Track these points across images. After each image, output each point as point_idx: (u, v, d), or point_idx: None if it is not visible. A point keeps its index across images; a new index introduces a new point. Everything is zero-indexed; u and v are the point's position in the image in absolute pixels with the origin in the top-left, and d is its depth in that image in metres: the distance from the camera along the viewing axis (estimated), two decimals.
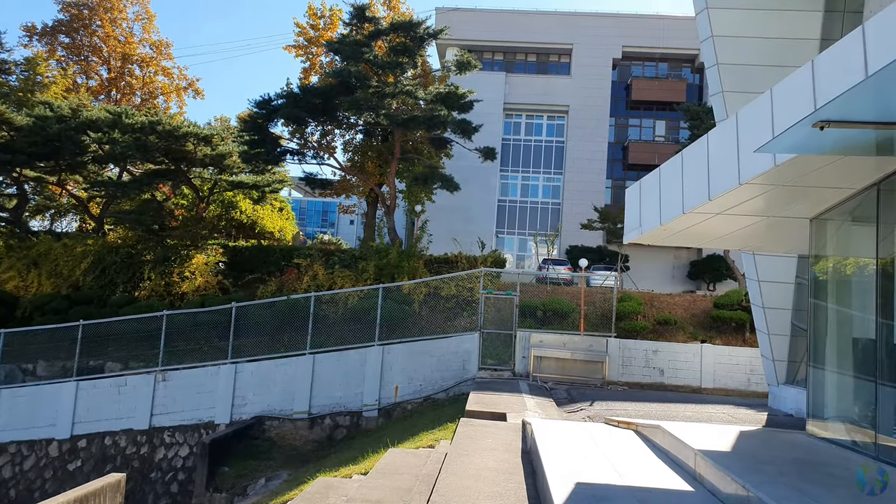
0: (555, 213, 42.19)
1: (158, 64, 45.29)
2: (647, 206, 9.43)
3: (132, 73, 44.74)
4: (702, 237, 9.71)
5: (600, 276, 30.73)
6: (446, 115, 27.18)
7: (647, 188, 9.56)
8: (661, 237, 9.68)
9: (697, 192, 7.96)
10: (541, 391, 16.57)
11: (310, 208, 67.15)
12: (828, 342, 7.81)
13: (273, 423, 18.69)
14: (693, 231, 9.17)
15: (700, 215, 8.38)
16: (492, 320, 21.47)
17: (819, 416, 7.75)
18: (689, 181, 8.27)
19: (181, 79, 46.26)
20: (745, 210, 8.09)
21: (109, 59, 43.69)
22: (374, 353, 18.93)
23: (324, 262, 27.73)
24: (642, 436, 8.81)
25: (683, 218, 8.50)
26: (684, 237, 9.61)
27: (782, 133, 5.61)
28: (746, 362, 18.20)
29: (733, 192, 7.34)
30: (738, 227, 8.92)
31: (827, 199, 7.51)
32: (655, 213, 9.07)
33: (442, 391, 18.74)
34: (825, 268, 8.04)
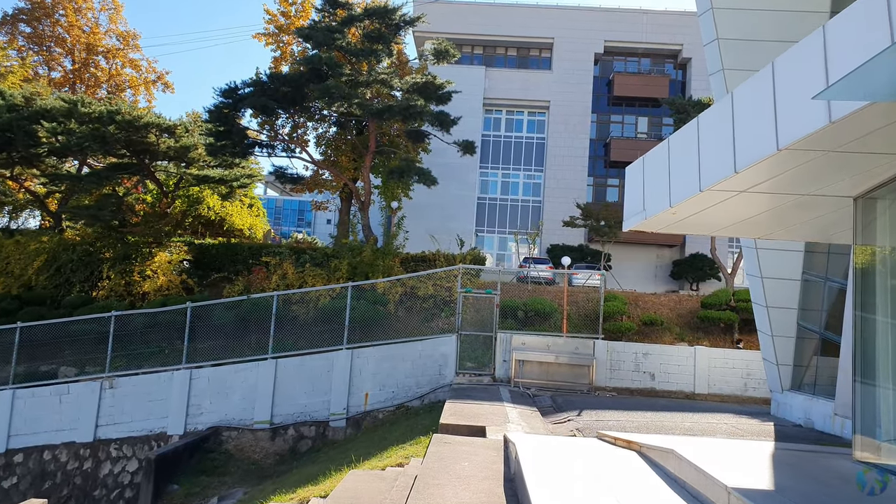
0: (535, 211, 40.74)
1: (125, 56, 43.12)
2: (653, 187, 7.89)
3: (97, 64, 42.54)
4: (715, 223, 8.21)
5: (583, 275, 29.36)
6: (423, 106, 25.58)
7: (653, 165, 8.02)
8: (668, 223, 8.16)
9: (719, 164, 6.44)
10: (523, 399, 15.01)
11: (286, 207, 65.10)
12: (878, 351, 6.31)
13: (231, 435, 16.93)
14: (707, 215, 7.65)
15: (719, 194, 6.86)
16: (471, 321, 19.96)
17: (870, 439, 6.24)
18: (707, 152, 6.74)
19: (150, 71, 44.11)
20: (774, 187, 6.58)
21: (73, 49, 41.48)
22: (343, 358, 17.26)
23: (294, 260, 26.02)
24: (649, 460, 7.26)
25: (699, 198, 6.97)
26: (694, 223, 8.09)
27: (864, 65, 4.08)
28: (743, 366, 16.81)
29: (767, 162, 5.82)
30: (760, 210, 7.41)
31: (882, 171, 5.99)
32: (663, 194, 7.53)
33: (416, 398, 17.11)
34: (874, 259, 6.53)
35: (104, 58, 42.41)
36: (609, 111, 41.88)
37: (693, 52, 40.25)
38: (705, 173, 6.69)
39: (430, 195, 38.59)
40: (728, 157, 6.26)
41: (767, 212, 7.38)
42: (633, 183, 8.64)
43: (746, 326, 23.48)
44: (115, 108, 26.18)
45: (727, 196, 6.90)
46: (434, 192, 38.87)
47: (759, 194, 6.79)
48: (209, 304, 19.26)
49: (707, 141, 6.78)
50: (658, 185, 7.68)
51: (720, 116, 6.58)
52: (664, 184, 7.52)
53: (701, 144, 6.88)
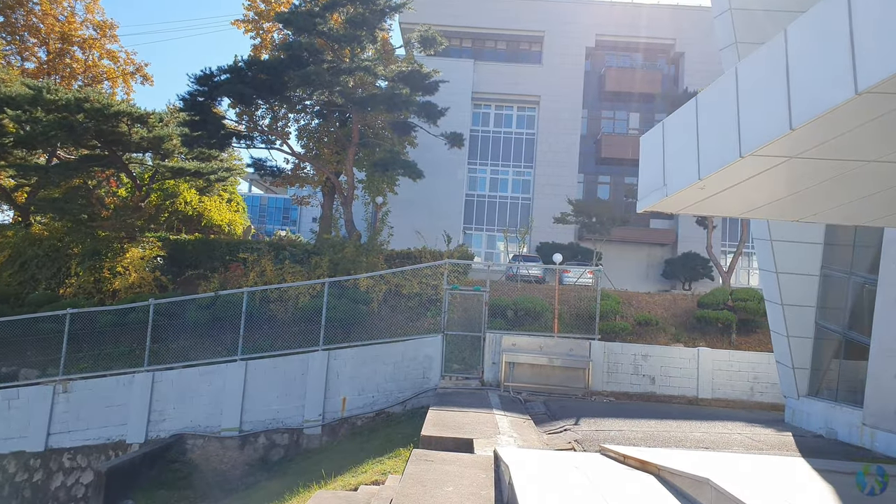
0: (525, 208, 39.36)
1: (102, 47, 41.28)
2: (677, 157, 6.51)
3: (73, 55, 40.71)
4: (747, 201, 6.85)
5: (574, 273, 28.04)
6: (409, 95, 24.12)
7: (677, 130, 6.64)
8: (693, 201, 6.78)
9: (767, 121, 5.07)
10: (514, 405, 13.61)
11: (270, 205, 63.35)
12: None
13: (196, 443, 15.41)
14: (741, 190, 6.29)
15: (763, 161, 5.49)
16: (458, 321, 18.58)
17: None
18: (750, 108, 5.37)
19: (128, 63, 42.26)
20: (835, 150, 5.21)
21: (48, 40, 39.66)
22: (318, 360, 15.79)
23: (273, 257, 24.53)
24: (674, 489, 5.86)
25: (737, 167, 5.60)
26: (723, 201, 6.73)
27: None
28: (749, 369, 15.50)
29: (840, 111, 4.42)
30: (809, 184, 6.05)
31: None
32: (690, 165, 6.15)
33: (398, 404, 15.67)
34: None
35: (80, 48, 40.56)
36: (600, 107, 40.55)
37: (686, 47, 39.09)
38: (748, 134, 5.31)
39: (417, 191, 37.15)
40: (780, 111, 4.88)
41: (815, 186, 6.01)
42: (650, 154, 7.25)
43: (744, 327, 22.36)
44: (84, 96, 24.53)
45: (773, 163, 5.52)
46: (421, 189, 37.42)
47: (813, 160, 5.41)
48: (174, 302, 17.72)
49: (750, 94, 5.41)
50: (683, 155, 6.30)
51: (768, 62, 5.20)
52: (691, 152, 6.13)
53: (741, 100, 5.50)
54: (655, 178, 6.85)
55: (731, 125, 5.56)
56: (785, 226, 11.73)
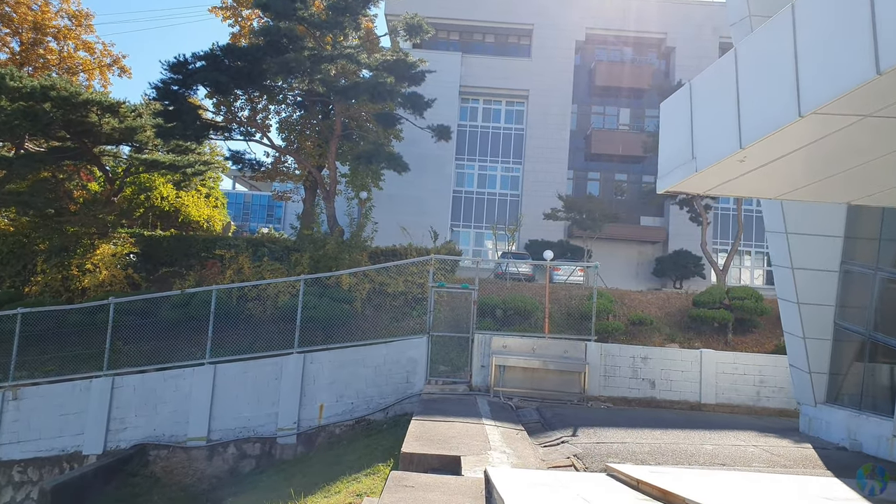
0: (514, 205, 38.14)
1: (78, 37, 39.59)
2: (710, 125, 5.32)
3: (48, 46, 39.03)
4: (791, 179, 5.70)
5: (565, 271, 26.90)
6: (394, 85, 22.83)
7: (709, 93, 5.44)
8: (728, 177, 5.60)
9: (841, 68, 3.84)
10: (505, 412, 12.39)
11: (254, 202, 61.74)
12: None
13: (160, 453, 14.06)
14: (788, 163, 5.10)
15: (829, 122, 4.27)
16: (444, 321, 17.40)
17: None
18: (814, 54, 4.14)
19: (105, 55, 40.60)
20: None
21: (20, 29, 37.96)
22: (293, 364, 14.49)
23: (251, 253, 23.19)
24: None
25: (794, 129, 4.39)
26: (763, 178, 5.56)
27: None
28: (755, 372, 14.37)
29: None
30: (879, 152, 4.84)
31: None
32: (728, 132, 4.95)
33: (380, 410, 14.40)
34: None
35: (55, 39, 38.88)
36: (590, 101, 39.40)
37: (677, 42, 38.07)
38: (813, 86, 4.10)
39: (403, 187, 35.85)
40: (860, 54, 3.67)
41: (888, 155, 4.81)
42: (673, 124, 6.03)
43: (740, 326, 21.43)
44: (50, 84, 23.05)
45: (840, 125, 4.32)
46: (407, 185, 36.14)
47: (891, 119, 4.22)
48: (144, 300, 16.37)
49: (814, 38, 4.19)
50: (718, 121, 5.10)
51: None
52: (729, 117, 4.93)
53: (801, 46, 4.29)
54: (680, 152, 5.65)
55: (785, 78, 4.36)
56: (803, 217, 10.61)
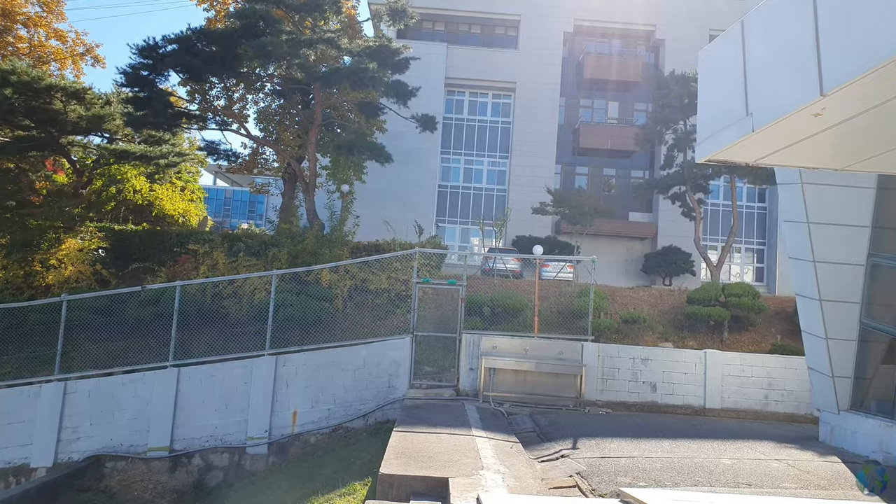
0: (500, 200, 36.92)
1: (49, 25, 37.80)
2: (774, 66, 4.11)
3: (18, 34, 37.21)
4: (886, 137, 4.41)
5: (554, 267, 25.78)
6: (376, 71, 21.49)
7: (774, 24, 4.18)
8: (794, 138, 4.39)
9: None
10: (496, 420, 11.18)
11: (235, 198, 60.05)
12: None
13: (117, 466, 12.68)
14: (879, 117, 3.84)
15: None
16: (430, 320, 16.16)
17: None
18: None
19: (78, 43, 38.81)
20: None
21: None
22: (264, 367, 13.17)
23: (227, 248, 21.81)
24: None
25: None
26: (842, 140, 4.29)
27: None
28: (763, 374, 13.25)
29: None
30: None
31: None
32: (804, 77, 3.71)
33: (359, 417, 13.12)
34: None
35: (24, 27, 37.09)
36: (578, 95, 38.21)
37: (667, 34, 37.02)
38: None
39: (387, 182, 34.52)
40: None
41: None
42: (716, 74, 4.83)
43: (736, 325, 20.47)
44: (10, 68, 21.46)
45: None
46: (391, 179, 34.81)
47: None
48: (92, 297, 14.97)
49: None
50: (787, 61, 3.88)
51: None
52: (804, 54, 3.69)
53: None
54: (729, 108, 4.44)
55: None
56: (826, 205, 9.49)
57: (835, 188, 9.30)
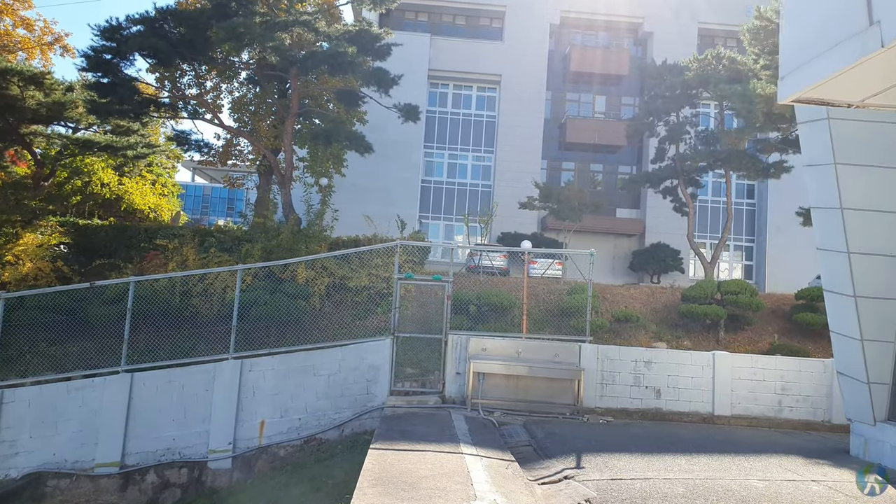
0: (485, 196, 35.56)
1: (16, 13, 35.89)
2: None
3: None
4: None
5: (541, 264, 24.48)
6: (356, 55, 20.06)
7: None
8: None
9: None
10: (487, 433, 9.81)
11: (214, 195, 58.20)
12: None
13: (60, 484, 11.15)
14: None
15: None
16: (413, 319, 14.84)
17: None
18: None
19: (46, 32, 36.93)
20: None
21: None
22: (228, 372, 11.70)
23: (198, 244, 20.34)
24: None
25: None
26: None
27: None
28: (776, 377, 12.02)
29: None
30: None
31: None
32: None
33: (333, 428, 11.71)
34: None
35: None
36: (565, 88, 36.96)
37: (655, 27, 35.89)
38: None
39: (368, 176, 33.05)
40: None
41: None
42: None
43: (732, 323, 19.41)
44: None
45: None
46: (373, 174, 33.34)
47: None
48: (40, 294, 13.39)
49: None
50: None
51: None
52: None
53: None
54: (839, 19, 3.10)
55: None
56: (863, 188, 8.25)
57: (875, 169, 8.08)
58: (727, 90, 19.34)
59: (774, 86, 18.90)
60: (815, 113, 8.09)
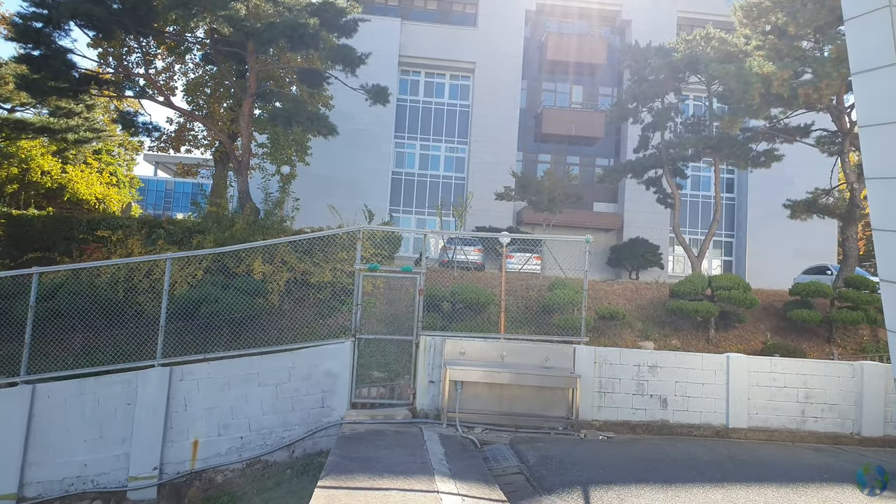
0: (458, 189, 33.58)
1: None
2: None
3: None
4: None
5: (519, 258, 22.70)
6: (318, 27, 17.96)
7: None
8: None
9: None
10: (467, 457, 7.84)
11: (177, 190, 55.32)
12: None
13: None
14: None
15: None
16: (380, 318, 12.87)
17: None
18: None
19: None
20: None
21: None
22: (154, 382, 9.53)
23: (145, 236, 18.16)
24: None
25: None
26: None
27: None
28: (798, 383, 10.27)
29: None
30: None
31: None
32: None
33: (282, 448, 9.62)
34: None
35: None
36: (541, 78, 35.13)
37: (633, 15, 34.27)
38: None
39: (336, 167, 30.89)
40: None
41: None
42: None
43: (722, 321, 17.98)
44: None
45: None
46: (340, 164, 31.19)
47: None
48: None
49: None
50: None
51: None
52: None
53: None
54: None
55: None
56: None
57: None
58: (720, 69, 17.70)
59: (772, 64, 17.36)
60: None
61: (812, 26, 17.48)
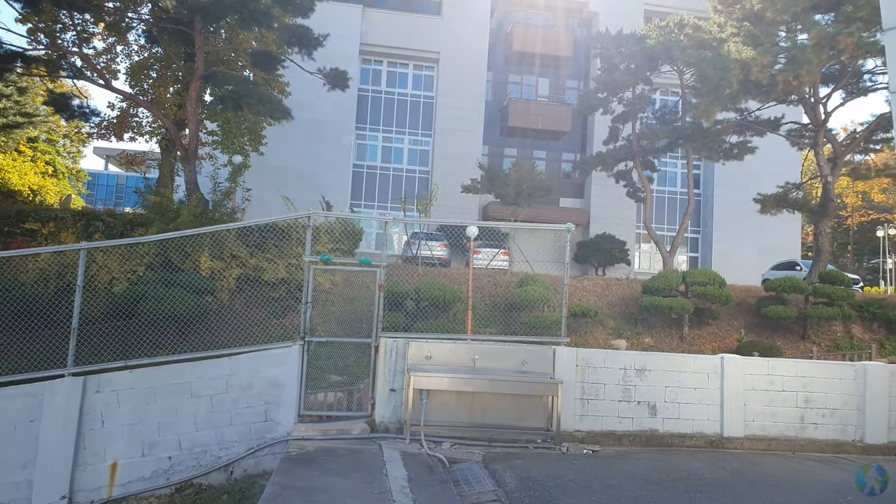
0: (423, 182, 32.23)
1: None
2: None
3: None
4: None
5: (486, 254, 21.58)
6: (270, 3, 16.46)
7: None
8: None
9: None
10: (435, 483, 6.56)
11: (129, 184, 52.62)
12: None
13: None
14: None
15: None
16: (338, 318, 11.59)
17: None
18: None
19: None
20: None
21: None
22: (64, 394, 7.99)
23: (81, 229, 16.42)
24: None
25: None
26: None
27: None
28: (797, 386, 9.27)
29: None
30: None
31: None
32: None
33: (218, 469, 8.19)
34: None
35: None
36: (507, 70, 33.99)
37: (601, 7, 33.39)
38: None
39: (293, 159, 29.26)
40: None
41: None
42: None
43: (696, 318, 17.27)
44: None
45: None
46: (298, 157, 29.58)
47: None
48: None
49: None
50: None
51: None
52: None
53: None
54: None
55: None
56: None
57: None
58: (696, 56, 16.83)
59: (751, 49, 16.55)
60: None
61: (790, 12, 16.74)
